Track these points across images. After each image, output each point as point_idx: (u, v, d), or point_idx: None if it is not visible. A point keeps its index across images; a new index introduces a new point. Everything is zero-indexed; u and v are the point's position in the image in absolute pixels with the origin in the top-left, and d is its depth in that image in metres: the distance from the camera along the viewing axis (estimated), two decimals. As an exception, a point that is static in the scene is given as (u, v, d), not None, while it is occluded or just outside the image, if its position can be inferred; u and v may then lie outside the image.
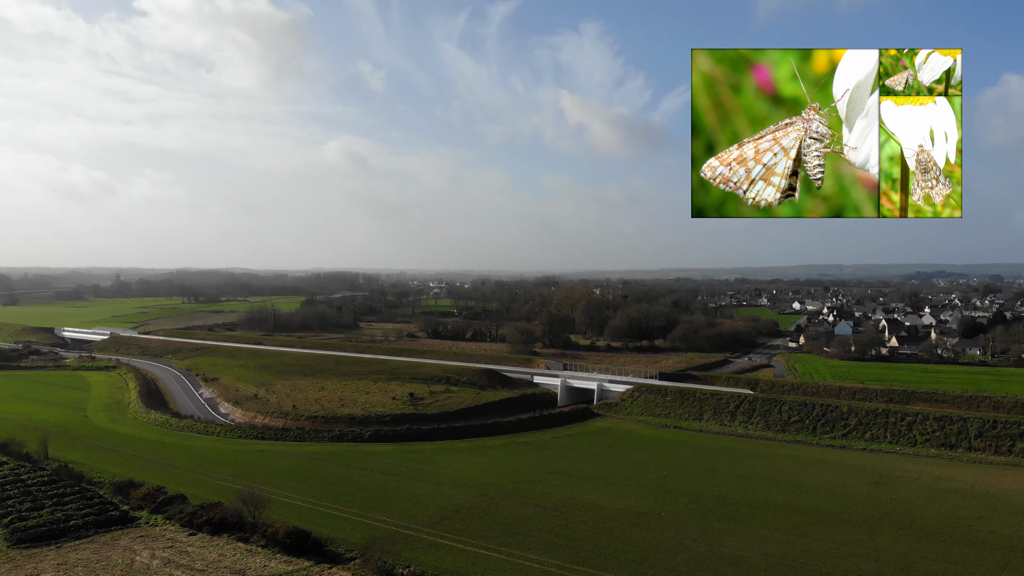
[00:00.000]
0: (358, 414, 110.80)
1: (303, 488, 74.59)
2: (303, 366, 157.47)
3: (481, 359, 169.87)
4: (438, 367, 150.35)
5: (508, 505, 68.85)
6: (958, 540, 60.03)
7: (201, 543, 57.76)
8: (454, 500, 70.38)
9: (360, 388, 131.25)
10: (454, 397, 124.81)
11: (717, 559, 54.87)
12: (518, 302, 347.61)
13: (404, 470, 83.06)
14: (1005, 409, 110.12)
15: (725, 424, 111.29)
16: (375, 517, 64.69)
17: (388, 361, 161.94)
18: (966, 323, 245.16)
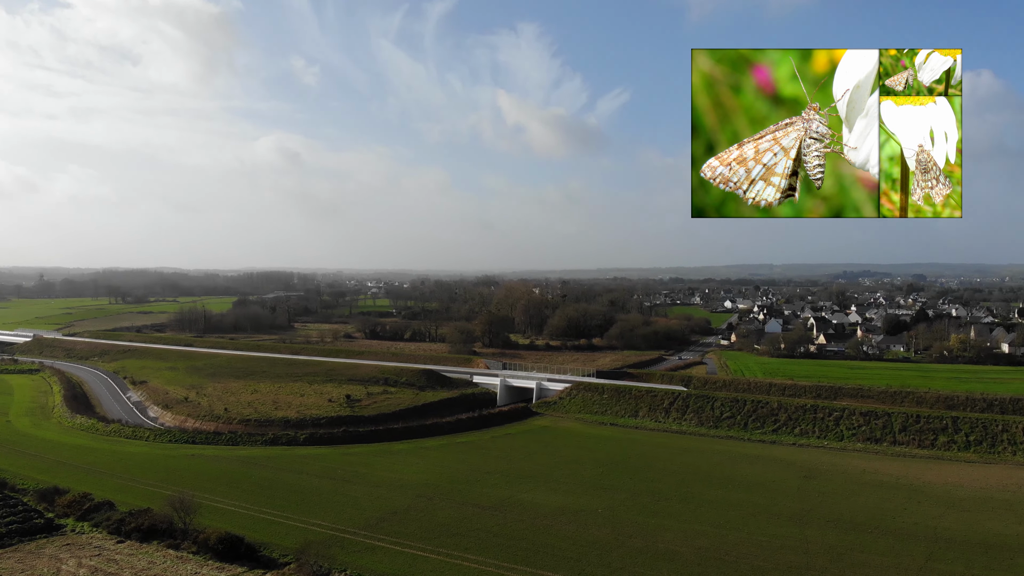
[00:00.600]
0: (293, 417, 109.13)
1: (236, 493, 73.12)
2: (235, 368, 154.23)
3: (420, 359, 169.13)
4: (376, 368, 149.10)
5: (446, 506, 68.82)
6: (884, 531, 62.42)
7: (130, 551, 56.17)
8: (391, 502, 69.97)
9: (295, 390, 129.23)
10: (392, 398, 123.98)
11: (652, 554, 55.94)
12: (458, 302, 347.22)
13: (340, 473, 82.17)
14: (928, 404, 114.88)
15: (660, 421, 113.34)
16: (310, 521, 63.85)
17: (324, 363, 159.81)
18: (890, 321, 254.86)
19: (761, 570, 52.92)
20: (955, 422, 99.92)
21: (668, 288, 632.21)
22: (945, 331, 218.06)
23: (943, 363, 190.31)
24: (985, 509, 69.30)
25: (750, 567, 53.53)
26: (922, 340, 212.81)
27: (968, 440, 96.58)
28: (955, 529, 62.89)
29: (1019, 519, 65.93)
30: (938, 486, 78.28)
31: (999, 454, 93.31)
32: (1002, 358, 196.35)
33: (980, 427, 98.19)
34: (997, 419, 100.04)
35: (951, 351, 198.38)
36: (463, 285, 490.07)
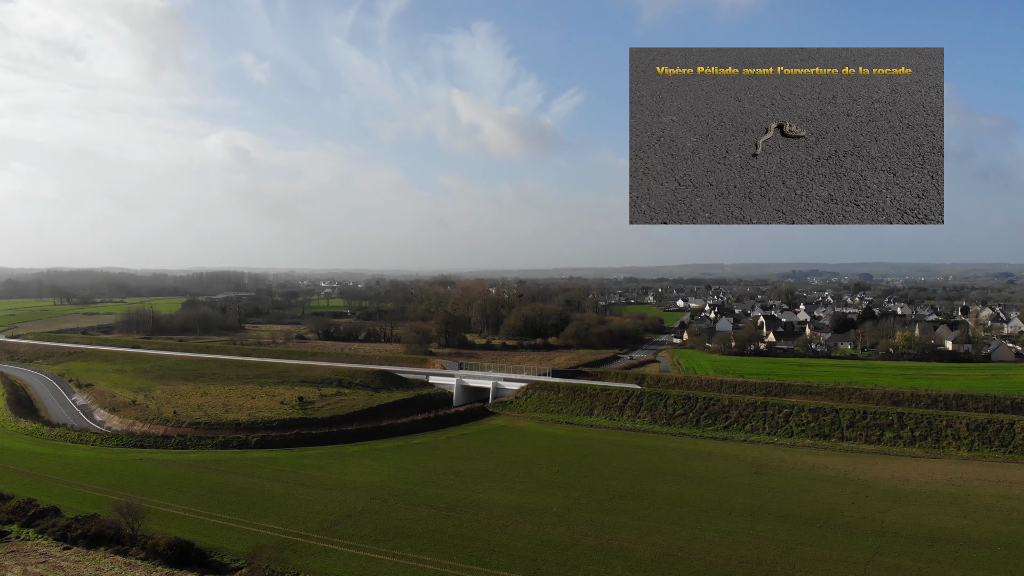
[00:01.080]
0: (244, 420, 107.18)
1: (185, 497, 71.47)
2: (184, 370, 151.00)
3: (375, 360, 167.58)
4: (329, 369, 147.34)
5: (401, 507, 68.21)
6: (833, 526, 63.63)
7: (76, 557, 54.49)
8: (345, 504, 69.10)
9: (246, 392, 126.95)
10: (346, 400, 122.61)
11: (607, 552, 56.18)
12: (414, 302, 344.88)
13: (293, 476, 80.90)
14: (874, 400, 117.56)
15: (615, 418, 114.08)
16: (262, 525, 62.71)
17: (276, 364, 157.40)
18: (838, 319, 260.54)
19: (713, 565, 53.52)
20: (901, 418, 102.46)
21: (623, 287, 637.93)
22: (891, 329, 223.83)
23: (889, 360, 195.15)
24: (930, 503, 71.16)
25: (703, 563, 54.09)
26: (869, 338, 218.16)
27: (913, 435, 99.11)
28: (901, 523, 64.42)
29: (963, 512, 67.81)
30: (885, 481, 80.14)
31: (943, 449, 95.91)
32: (946, 355, 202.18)
33: (925, 423, 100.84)
34: (941, 415, 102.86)
35: (897, 348, 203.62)
36: (419, 285, 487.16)
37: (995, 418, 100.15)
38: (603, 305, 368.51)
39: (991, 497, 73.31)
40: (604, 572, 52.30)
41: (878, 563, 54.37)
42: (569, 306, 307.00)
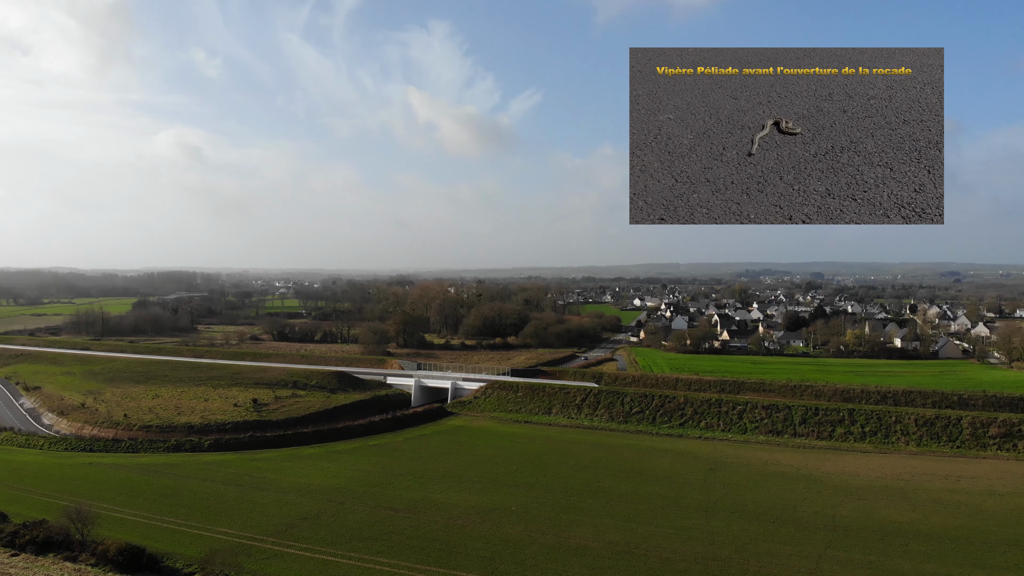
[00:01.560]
0: (196, 422, 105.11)
1: (137, 502, 69.81)
2: (135, 372, 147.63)
3: (331, 361, 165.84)
4: (284, 371, 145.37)
5: (358, 509, 67.53)
6: (786, 521, 64.69)
7: (24, 564, 52.73)
8: (301, 507, 68.16)
9: (199, 395, 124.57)
10: (302, 402, 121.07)
11: (564, 550, 56.32)
12: (371, 302, 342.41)
13: (247, 479, 79.56)
14: (825, 397, 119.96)
15: (573, 417, 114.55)
16: (216, 529, 61.52)
17: (229, 366, 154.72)
18: (790, 317, 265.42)
19: (669, 562, 54.01)
20: (851, 414, 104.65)
21: (581, 287, 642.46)
22: (842, 327, 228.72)
23: (840, 358, 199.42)
24: (880, 497, 72.79)
25: (658, 559, 54.56)
26: (820, 335, 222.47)
27: (864, 431, 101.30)
28: (852, 517, 65.79)
29: (912, 506, 69.50)
30: (836, 476, 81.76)
31: (893, 444, 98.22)
32: (895, 352, 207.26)
33: (875, 419, 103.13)
34: (890, 411, 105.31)
35: (847, 346, 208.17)
36: (376, 285, 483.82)
37: (942, 414, 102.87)
38: (562, 304, 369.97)
39: (939, 491, 75.28)
40: (562, 570, 52.42)
41: (830, 557, 55.40)
42: (528, 306, 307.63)
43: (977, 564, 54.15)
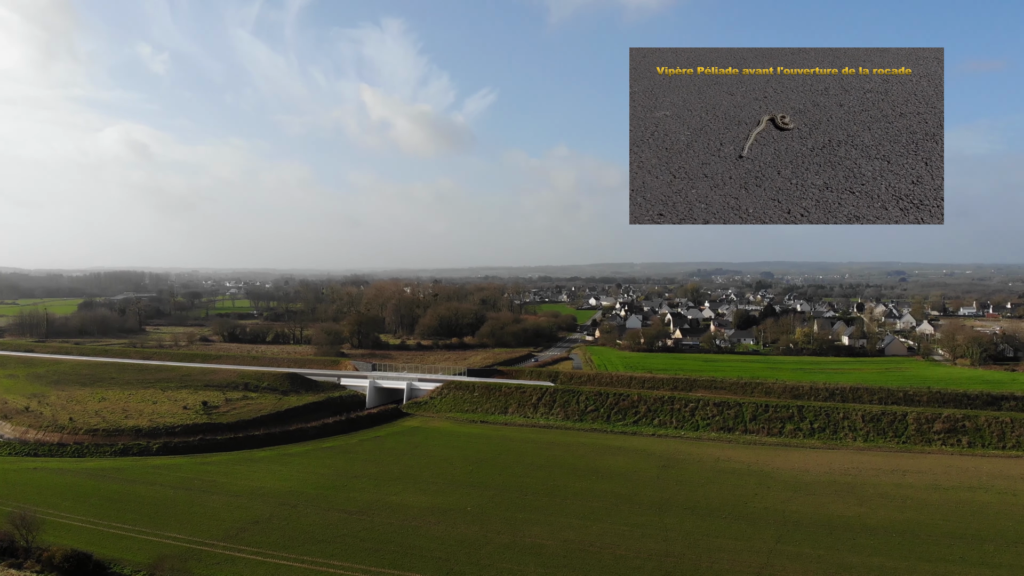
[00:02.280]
0: (145, 426, 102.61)
1: (83, 507, 67.86)
2: (81, 375, 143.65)
3: (284, 363, 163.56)
4: (235, 373, 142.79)
5: (311, 512, 66.59)
6: (737, 516, 65.62)
7: (-37, 575, 51.02)
8: (252, 511, 66.98)
9: (147, 398, 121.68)
10: (253, 404, 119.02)
11: (520, 549, 56.31)
12: (325, 302, 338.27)
13: (197, 483, 77.89)
14: (775, 394, 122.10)
15: (529, 416, 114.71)
16: (165, 534, 60.10)
17: (178, 368, 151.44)
18: (741, 316, 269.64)
19: (623, 559, 54.37)
20: (800, 411, 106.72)
21: (537, 286, 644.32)
22: (791, 325, 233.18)
23: (789, 355, 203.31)
24: (829, 492, 74.28)
25: (612, 556, 54.87)
26: (770, 334, 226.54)
27: (812, 427, 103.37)
28: (802, 512, 67.02)
29: (860, 501, 71.07)
30: (786, 471, 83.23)
31: (841, 440, 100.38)
32: (843, 350, 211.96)
33: (823, 415, 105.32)
34: (838, 407, 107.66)
35: (796, 344, 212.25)
36: (330, 284, 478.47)
37: (889, 410, 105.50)
38: (518, 304, 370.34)
39: (886, 485, 77.13)
40: (517, 569, 52.39)
41: (780, 552, 56.33)
42: (485, 305, 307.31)
43: (923, 557, 55.56)
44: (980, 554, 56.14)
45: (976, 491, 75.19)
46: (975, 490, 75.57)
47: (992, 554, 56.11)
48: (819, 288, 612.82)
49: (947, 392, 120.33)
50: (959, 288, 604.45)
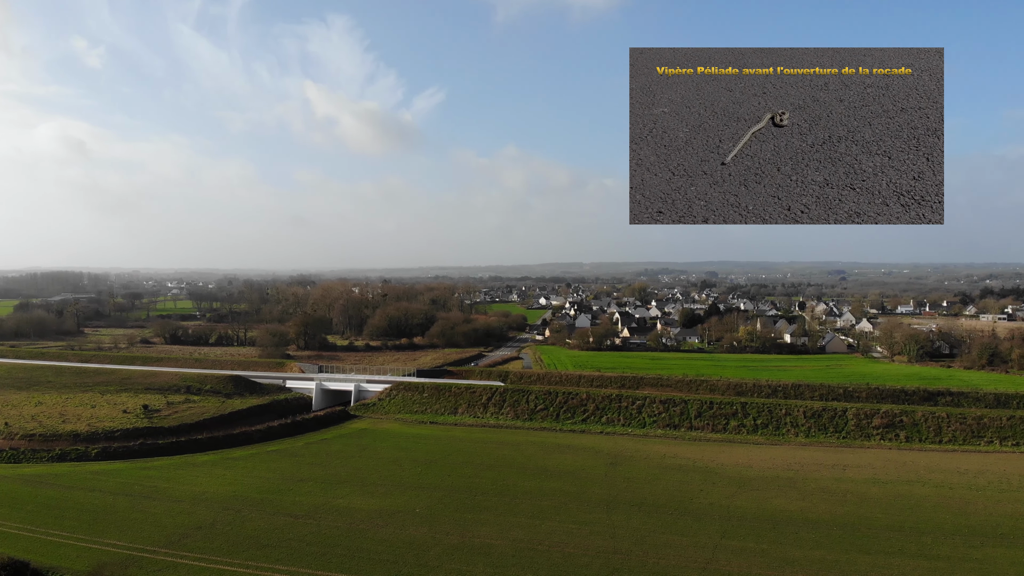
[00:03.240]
0: (83, 430, 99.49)
1: (19, 515, 65.40)
2: (16, 378, 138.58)
3: (227, 365, 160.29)
4: (177, 375, 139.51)
5: (256, 517, 65.40)
6: (683, 512, 66.51)
7: None
8: (195, 516, 65.47)
9: (85, 401, 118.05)
10: (195, 407, 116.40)
11: (468, 550, 56.19)
12: (270, 302, 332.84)
13: (138, 489, 75.83)
14: (720, 391, 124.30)
15: (479, 416, 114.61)
16: (104, 541, 58.34)
17: (118, 371, 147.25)
18: (686, 315, 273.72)
19: (572, 557, 54.68)
20: (744, 407, 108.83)
21: (488, 286, 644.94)
22: (735, 323, 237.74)
23: (733, 353, 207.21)
24: (772, 487, 75.83)
25: (561, 555, 55.15)
26: (715, 332, 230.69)
27: (756, 424, 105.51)
28: (746, 507, 68.27)
29: (802, 495, 72.68)
30: (730, 467, 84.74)
31: (783, 436, 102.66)
32: (785, 347, 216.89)
33: (766, 411, 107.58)
34: (781, 404, 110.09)
35: (740, 342, 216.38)
36: (276, 285, 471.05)
37: (829, 406, 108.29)
38: (469, 304, 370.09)
39: (827, 480, 79.05)
40: (466, 570, 52.26)
41: (725, 547, 57.30)
42: (435, 305, 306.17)
43: (863, 550, 57.05)
44: (918, 546, 57.89)
45: (914, 484, 77.62)
46: (913, 484, 78.00)
47: (930, 546, 57.90)
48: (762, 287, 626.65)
49: (885, 388, 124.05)
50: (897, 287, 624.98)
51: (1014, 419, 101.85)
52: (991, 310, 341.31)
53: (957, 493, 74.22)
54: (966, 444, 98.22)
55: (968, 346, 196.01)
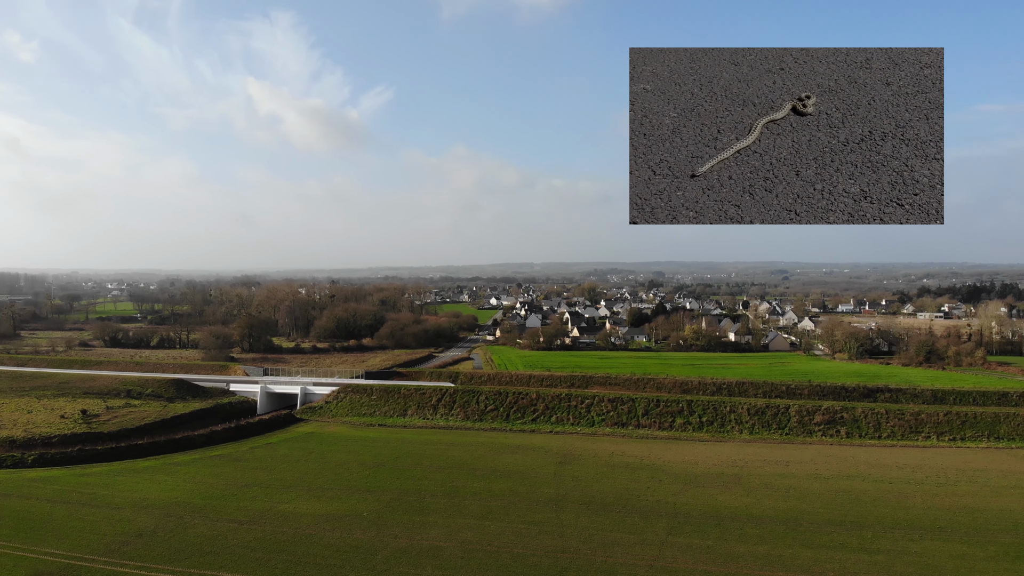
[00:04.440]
0: (19, 436, 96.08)
1: (-54, 527, 63.03)
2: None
3: (169, 368, 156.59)
4: (117, 379, 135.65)
5: (199, 524, 63.99)
6: (631, 510, 67.19)
7: None
8: (136, 523, 63.78)
9: (21, 407, 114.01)
10: (136, 412, 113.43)
11: (416, 553, 55.88)
12: (214, 304, 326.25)
13: (77, 496, 73.52)
14: (666, 389, 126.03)
15: (428, 418, 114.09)
16: (41, 550, 56.36)
17: (56, 375, 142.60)
18: (634, 314, 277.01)
19: (521, 557, 54.80)
20: (690, 405, 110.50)
21: (438, 286, 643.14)
22: (681, 322, 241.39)
23: (679, 351, 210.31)
24: (717, 484, 77.14)
25: (510, 555, 55.23)
26: (661, 331, 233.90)
27: (701, 421, 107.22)
28: (692, 504, 69.33)
29: (746, 491, 74.11)
30: (677, 465, 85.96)
31: (728, 432, 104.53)
32: (729, 346, 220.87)
33: (711, 409, 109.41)
34: (725, 401, 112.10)
35: (686, 340, 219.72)
36: (219, 286, 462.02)
37: (772, 403, 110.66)
38: (419, 304, 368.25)
39: (770, 476, 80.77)
40: (414, 573, 51.92)
41: (671, 543, 58.08)
42: (384, 306, 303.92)
43: (805, 544, 58.37)
44: (859, 540, 59.47)
45: (854, 479, 79.78)
46: (853, 478, 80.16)
47: (870, 540, 59.56)
48: (707, 287, 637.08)
49: (827, 385, 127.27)
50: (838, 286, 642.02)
51: (950, 415, 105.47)
52: (928, 308, 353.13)
53: (896, 488, 76.51)
54: (904, 439, 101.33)
55: (906, 344, 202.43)
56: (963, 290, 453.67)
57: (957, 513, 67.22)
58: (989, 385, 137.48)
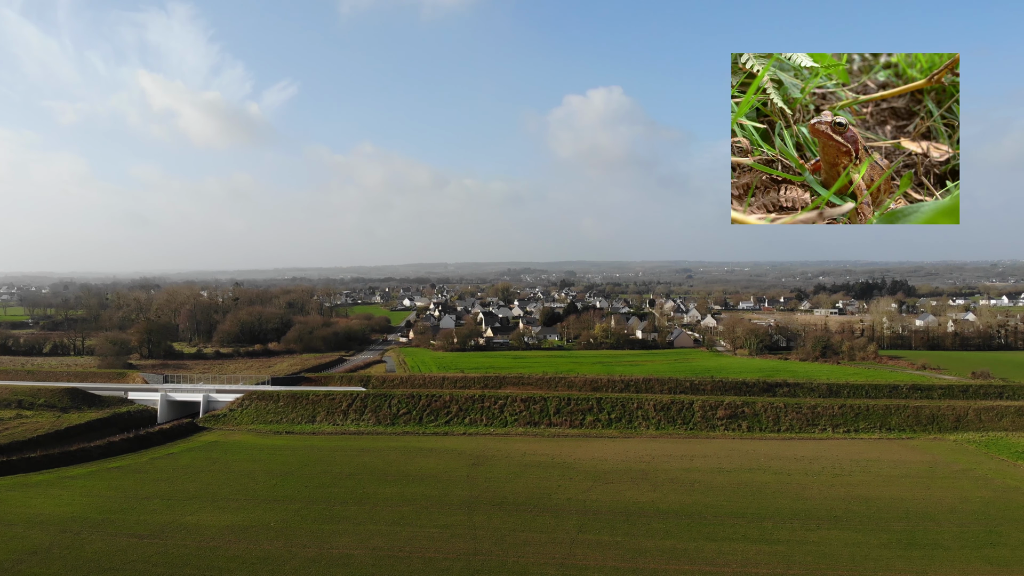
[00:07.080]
0: None
1: None
2: None
3: (63, 376, 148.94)
4: (7, 389, 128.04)
5: (96, 539, 61.22)
6: (542, 509, 68.10)
7: None
8: (29, 541, 60.47)
9: None
10: (28, 423, 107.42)
11: (327, 562, 55.11)
12: (110, 308, 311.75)
13: (-41, 516, 69.25)
14: (577, 387, 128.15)
15: (338, 424, 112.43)
16: (-81, 578, 53.05)
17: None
18: (547, 314, 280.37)
19: (432, 561, 54.82)
20: (599, 402, 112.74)
21: (349, 288, 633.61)
22: (591, 321, 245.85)
23: (590, 349, 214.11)
24: (626, 480, 79.04)
25: (422, 560, 55.17)
26: (573, 329, 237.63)
27: (610, 418, 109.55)
28: (602, 500, 70.85)
29: (653, 487, 76.21)
30: (587, 462, 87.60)
31: (635, 429, 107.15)
32: (637, 343, 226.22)
33: (620, 406, 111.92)
34: (633, 398, 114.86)
35: (596, 338, 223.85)
36: (116, 289, 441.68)
37: (677, 399, 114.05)
38: (329, 307, 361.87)
39: (676, 471, 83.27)
40: (324, 582, 51.27)
41: (581, 541, 59.21)
42: (292, 309, 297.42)
43: (709, 537, 60.50)
44: (760, 531, 62.06)
45: (755, 472, 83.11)
46: (754, 471, 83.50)
47: (771, 531, 62.21)
48: (616, 285, 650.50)
49: (728, 381, 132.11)
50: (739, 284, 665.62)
51: (845, 408, 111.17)
52: (824, 305, 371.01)
53: (795, 479, 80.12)
54: (802, 432, 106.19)
55: (803, 339, 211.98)
56: (856, 287, 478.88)
57: (852, 503, 70.96)
58: (880, 379, 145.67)
